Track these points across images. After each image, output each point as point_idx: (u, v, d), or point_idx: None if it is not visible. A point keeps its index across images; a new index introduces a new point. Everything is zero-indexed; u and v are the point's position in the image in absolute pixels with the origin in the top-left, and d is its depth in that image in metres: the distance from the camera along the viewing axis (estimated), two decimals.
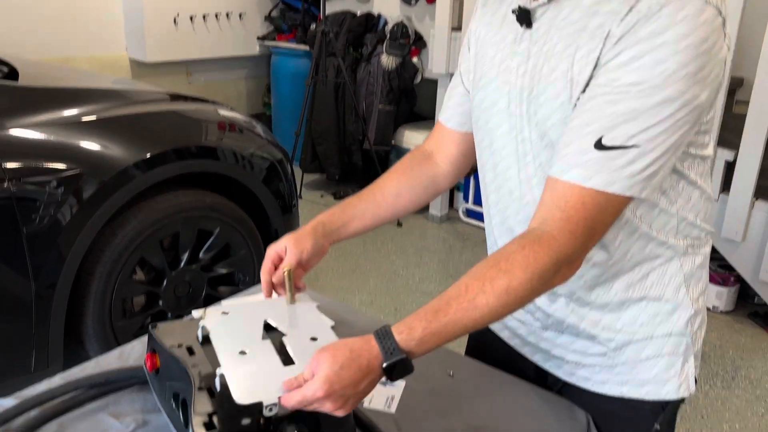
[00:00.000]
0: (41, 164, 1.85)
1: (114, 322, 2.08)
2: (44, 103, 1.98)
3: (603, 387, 1.05)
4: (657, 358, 1.00)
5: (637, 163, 0.82)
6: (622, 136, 0.81)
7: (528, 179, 0.98)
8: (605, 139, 0.82)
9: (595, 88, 0.84)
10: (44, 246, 1.86)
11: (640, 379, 1.01)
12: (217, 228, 2.28)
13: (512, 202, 1.02)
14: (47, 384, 1.06)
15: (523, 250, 0.84)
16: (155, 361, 1.01)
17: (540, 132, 0.93)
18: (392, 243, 3.77)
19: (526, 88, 0.94)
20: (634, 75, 0.80)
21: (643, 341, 1.00)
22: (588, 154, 0.83)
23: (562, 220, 0.84)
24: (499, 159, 1.02)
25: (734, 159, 2.89)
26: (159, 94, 2.41)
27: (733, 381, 2.62)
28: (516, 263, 0.83)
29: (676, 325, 1.00)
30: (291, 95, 4.65)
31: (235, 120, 2.44)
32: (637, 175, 0.82)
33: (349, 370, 0.82)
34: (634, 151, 0.81)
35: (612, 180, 0.82)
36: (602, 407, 1.06)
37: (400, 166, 1.20)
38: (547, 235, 0.84)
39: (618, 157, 0.82)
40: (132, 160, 2.01)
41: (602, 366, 1.03)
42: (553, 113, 0.90)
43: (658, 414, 1.03)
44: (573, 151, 0.84)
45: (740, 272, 2.96)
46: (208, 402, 0.86)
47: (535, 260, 0.83)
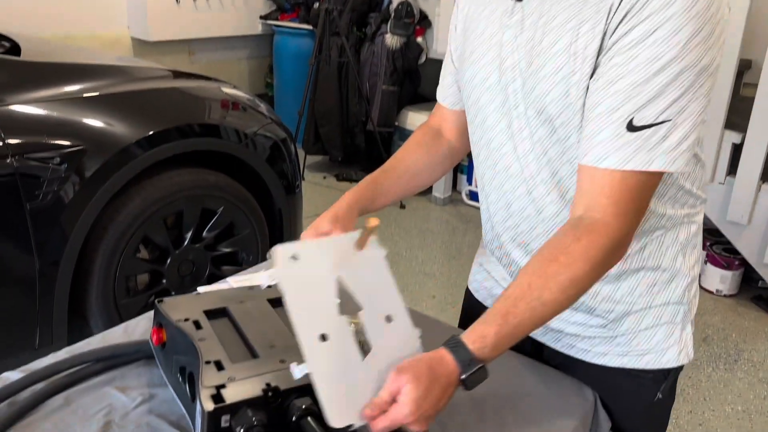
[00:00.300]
0: (44, 140, 1.84)
1: (118, 299, 2.08)
2: (47, 79, 1.96)
3: (603, 359, 1.05)
4: (656, 327, 1.01)
5: (671, 137, 0.82)
6: (652, 114, 0.81)
7: (525, 155, 0.97)
8: (636, 119, 0.82)
9: (614, 69, 0.82)
10: (48, 223, 1.85)
11: (640, 349, 1.02)
12: (221, 207, 2.27)
13: (509, 179, 1.01)
14: (53, 358, 1.06)
15: (580, 241, 0.84)
16: (161, 336, 1.00)
17: (537, 107, 0.91)
18: (395, 225, 3.76)
19: (521, 62, 0.92)
20: (651, 50, 0.79)
21: (641, 311, 1.01)
22: (622, 138, 0.82)
23: (611, 205, 0.84)
24: (493, 135, 1.00)
25: (741, 142, 2.87)
26: (161, 71, 2.38)
27: (735, 364, 2.62)
28: (576, 255, 0.84)
29: (674, 293, 1.01)
30: (294, 75, 4.61)
31: (239, 98, 2.42)
32: (674, 149, 0.83)
33: (432, 392, 0.80)
34: (666, 125, 0.81)
35: (650, 158, 0.82)
36: (604, 380, 1.07)
37: (417, 142, 1.19)
38: (600, 222, 0.84)
39: (652, 135, 0.82)
40: (134, 138, 2.00)
41: (602, 338, 1.04)
42: (553, 88, 0.88)
43: (660, 383, 1.04)
44: (606, 137, 0.83)
45: (745, 256, 2.96)
46: (215, 375, 0.86)
47: (594, 249, 0.84)
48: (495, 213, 1.07)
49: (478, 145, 1.06)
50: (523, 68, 0.92)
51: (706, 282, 3.18)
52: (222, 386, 0.83)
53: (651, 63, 0.80)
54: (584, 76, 0.85)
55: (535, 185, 0.98)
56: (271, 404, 0.83)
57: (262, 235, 2.42)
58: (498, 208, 1.06)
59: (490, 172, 1.04)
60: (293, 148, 2.55)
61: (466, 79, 1.03)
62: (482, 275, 1.21)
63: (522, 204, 1.01)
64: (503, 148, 1.00)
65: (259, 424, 0.80)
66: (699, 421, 2.27)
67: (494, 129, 1.00)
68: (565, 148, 0.92)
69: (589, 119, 0.85)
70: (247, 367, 0.88)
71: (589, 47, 0.84)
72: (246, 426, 0.79)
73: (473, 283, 1.25)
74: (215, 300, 1.06)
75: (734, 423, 2.28)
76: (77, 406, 0.96)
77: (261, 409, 0.82)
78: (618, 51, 0.82)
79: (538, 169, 0.96)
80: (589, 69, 0.84)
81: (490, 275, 1.19)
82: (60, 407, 0.96)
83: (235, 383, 0.84)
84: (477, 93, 1.01)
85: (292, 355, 0.92)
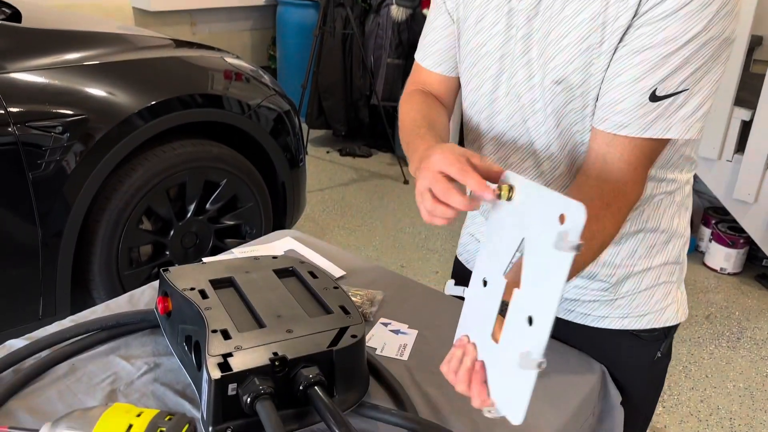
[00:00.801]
0: (46, 108, 1.82)
1: (121, 271, 2.08)
2: (48, 46, 1.93)
3: (603, 321, 1.06)
4: (655, 287, 1.04)
5: (688, 105, 0.83)
6: (674, 84, 0.81)
7: (536, 126, 0.95)
8: (658, 90, 0.82)
9: (641, 39, 0.81)
10: (50, 192, 1.84)
11: (640, 310, 1.04)
12: (224, 179, 2.25)
13: (514, 152, 0.99)
14: (57, 326, 1.05)
15: (610, 207, 0.85)
16: (167, 304, 0.99)
17: (556, 76, 0.88)
18: (398, 200, 3.74)
19: (537, 31, 0.89)
20: (681, 23, 0.79)
21: (641, 273, 1.03)
22: (644, 108, 0.83)
23: (630, 171, 0.86)
24: (503, 106, 0.98)
25: (751, 119, 2.83)
26: (164, 40, 2.35)
27: (738, 342, 2.62)
28: (607, 220, 0.85)
29: (671, 253, 1.04)
30: (297, 47, 4.56)
31: (242, 69, 2.39)
32: (691, 116, 0.83)
33: None
34: (684, 94, 0.82)
35: (668, 126, 0.83)
36: (605, 343, 1.08)
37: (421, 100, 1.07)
38: (622, 188, 0.86)
39: (671, 104, 0.82)
40: (137, 108, 1.97)
41: (602, 301, 1.05)
42: (576, 57, 0.86)
43: (661, 341, 1.07)
44: (628, 107, 0.84)
45: (750, 234, 2.94)
46: (222, 344, 0.85)
47: (620, 214, 0.86)
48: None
49: (480, 115, 1.02)
50: (540, 37, 0.89)
51: (710, 260, 3.17)
52: (229, 355, 0.83)
53: (680, 36, 0.79)
54: (612, 46, 0.83)
55: (544, 159, 0.96)
56: (278, 373, 0.83)
57: (266, 209, 2.40)
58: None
59: (493, 144, 1.02)
60: (297, 120, 2.52)
61: (471, 48, 0.98)
62: (474, 245, 1.21)
63: (528, 177, 0.99)
64: (513, 119, 0.97)
65: (266, 392, 0.79)
66: (701, 398, 2.28)
67: (504, 99, 0.97)
68: (580, 118, 0.90)
69: (611, 87, 0.84)
70: (253, 337, 0.87)
71: (621, 17, 0.82)
72: (253, 394, 0.79)
73: (464, 254, 1.24)
74: (221, 270, 1.05)
75: (736, 400, 2.28)
76: (82, 374, 0.96)
77: (268, 378, 0.81)
78: (647, 21, 0.80)
79: (548, 142, 0.95)
80: (617, 39, 0.83)
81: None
82: (65, 375, 0.95)
83: (242, 352, 0.83)
84: (485, 62, 0.97)
85: (299, 324, 0.91)
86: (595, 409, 1.06)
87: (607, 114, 0.85)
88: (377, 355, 1.05)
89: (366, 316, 1.14)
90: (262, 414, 0.77)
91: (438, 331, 1.12)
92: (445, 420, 0.92)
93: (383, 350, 1.06)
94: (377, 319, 1.14)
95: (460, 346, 0.75)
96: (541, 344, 0.63)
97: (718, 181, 3.00)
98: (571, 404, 0.99)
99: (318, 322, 0.92)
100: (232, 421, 0.81)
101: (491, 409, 0.70)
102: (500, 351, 0.69)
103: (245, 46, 5.09)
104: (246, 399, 0.79)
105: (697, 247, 3.33)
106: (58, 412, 0.87)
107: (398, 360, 1.04)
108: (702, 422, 2.16)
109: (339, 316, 0.95)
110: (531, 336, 0.64)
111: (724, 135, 2.93)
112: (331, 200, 3.70)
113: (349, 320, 0.94)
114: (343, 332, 0.91)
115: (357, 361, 0.91)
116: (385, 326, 1.12)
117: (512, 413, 0.67)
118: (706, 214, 3.30)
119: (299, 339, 0.88)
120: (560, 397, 0.99)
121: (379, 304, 1.18)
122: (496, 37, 0.94)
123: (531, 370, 0.63)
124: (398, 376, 0.99)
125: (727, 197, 2.98)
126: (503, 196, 0.70)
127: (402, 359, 1.05)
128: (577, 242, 0.60)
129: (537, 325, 0.64)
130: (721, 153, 2.96)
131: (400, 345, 1.08)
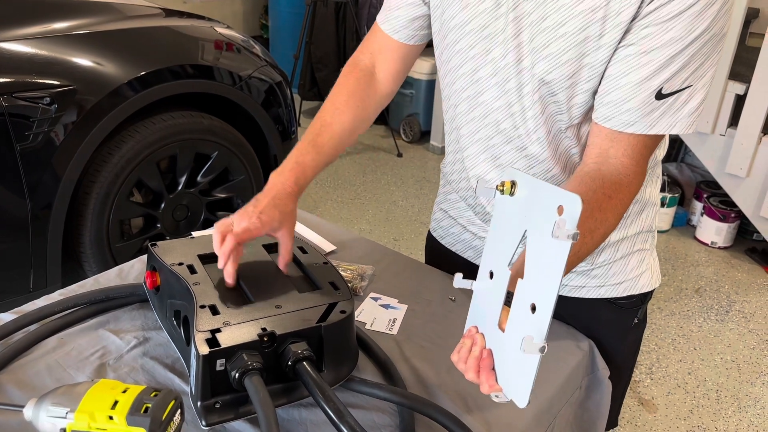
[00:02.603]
0: (33, 79, 1.79)
1: (112, 243, 2.07)
2: (35, 15, 1.90)
3: (581, 291, 1.09)
4: (629, 255, 1.06)
5: (692, 101, 0.85)
6: (678, 82, 0.83)
7: (522, 111, 0.94)
8: (664, 88, 0.83)
9: (647, 39, 0.81)
10: (39, 164, 1.82)
11: (616, 278, 1.07)
12: (215, 152, 2.23)
13: (497, 134, 0.98)
14: (46, 300, 1.05)
15: (611, 199, 0.85)
16: (155, 279, 0.99)
17: (548, 65, 0.87)
18: (392, 173, 3.73)
19: (531, 14, 0.86)
20: (687, 23, 0.79)
21: (617, 242, 1.05)
22: (650, 106, 0.84)
23: (632, 165, 0.87)
24: (485, 88, 0.96)
25: (745, 93, 2.82)
26: (153, 9, 2.31)
27: (727, 315, 2.65)
28: (609, 212, 0.85)
29: (645, 222, 1.06)
30: (290, 17, 4.49)
31: (233, 39, 2.35)
32: (694, 112, 0.86)
33: None
34: (687, 90, 0.84)
35: (673, 122, 0.85)
36: (583, 312, 1.10)
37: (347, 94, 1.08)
38: (626, 181, 0.87)
39: (675, 101, 0.84)
40: (126, 78, 1.94)
41: (578, 272, 1.07)
42: (572, 47, 0.84)
43: (637, 308, 1.10)
44: (635, 106, 0.84)
45: (742, 208, 2.95)
46: (210, 320, 0.85)
47: (622, 206, 0.87)
48: (474, 165, 1.04)
49: (460, 96, 1.00)
50: (533, 22, 0.86)
51: (701, 234, 3.19)
52: (217, 330, 0.83)
53: (686, 36, 0.80)
54: (613, 41, 0.82)
55: (530, 143, 0.96)
56: (267, 349, 0.83)
57: (258, 182, 2.39)
58: (479, 161, 1.03)
59: (473, 125, 1.00)
60: (289, 92, 2.49)
61: (456, 23, 0.95)
62: (448, 221, 1.21)
63: (510, 158, 0.99)
64: (495, 103, 0.96)
65: (255, 368, 0.79)
66: (688, 370, 2.31)
67: (488, 81, 0.95)
68: (566, 108, 0.90)
69: (616, 86, 0.85)
70: (242, 312, 0.87)
71: (623, 13, 0.81)
72: (241, 370, 0.79)
73: (438, 230, 1.25)
74: (210, 244, 1.04)
75: (723, 372, 2.32)
76: (71, 348, 0.95)
77: (256, 353, 0.81)
78: (653, 21, 0.80)
79: (535, 127, 0.94)
80: (619, 35, 0.82)
81: (456, 221, 1.19)
82: (54, 349, 0.95)
83: (231, 328, 0.83)
84: (469, 40, 0.94)
85: (287, 300, 0.91)
86: (582, 383, 1.07)
87: (612, 113, 0.86)
88: (367, 329, 1.05)
89: (356, 291, 1.14)
90: (250, 389, 0.78)
91: (428, 305, 1.13)
92: (434, 394, 0.93)
93: (373, 325, 1.07)
94: (367, 294, 1.14)
95: (468, 336, 0.77)
96: (543, 329, 0.66)
97: (710, 155, 3.00)
98: (559, 378, 1.00)
99: (307, 298, 0.92)
100: (221, 396, 0.81)
101: (499, 395, 0.73)
102: (506, 339, 0.72)
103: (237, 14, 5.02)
104: (234, 374, 0.79)
105: (689, 220, 3.35)
106: (47, 386, 0.87)
107: (388, 334, 1.05)
108: (689, 394, 2.20)
109: (328, 292, 0.94)
110: (534, 322, 0.67)
111: (717, 109, 2.92)
112: (324, 173, 3.69)
113: (339, 296, 0.93)
114: (332, 308, 0.91)
115: (346, 336, 0.91)
116: (375, 301, 1.13)
117: (518, 397, 0.70)
118: (698, 188, 3.30)
119: (288, 315, 0.88)
120: (548, 371, 1.00)
121: (370, 279, 1.18)
122: (483, 15, 0.91)
123: (534, 354, 0.66)
124: (387, 350, 0.99)
125: (720, 171, 2.98)
126: (506, 191, 0.74)
127: (391, 334, 1.05)
128: (574, 231, 0.63)
129: (539, 311, 0.67)
130: (715, 127, 2.95)
131: (389, 320, 1.08)
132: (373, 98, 1.11)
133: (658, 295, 2.74)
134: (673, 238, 3.25)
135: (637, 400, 2.16)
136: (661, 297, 2.74)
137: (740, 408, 2.15)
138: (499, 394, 0.73)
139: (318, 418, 0.85)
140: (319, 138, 1.05)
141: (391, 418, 0.88)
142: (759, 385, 2.27)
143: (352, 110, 1.08)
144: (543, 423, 0.95)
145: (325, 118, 1.07)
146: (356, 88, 1.09)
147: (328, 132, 1.05)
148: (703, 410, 2.13)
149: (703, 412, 2.13)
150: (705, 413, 2.12)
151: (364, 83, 1.10)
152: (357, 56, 1.14)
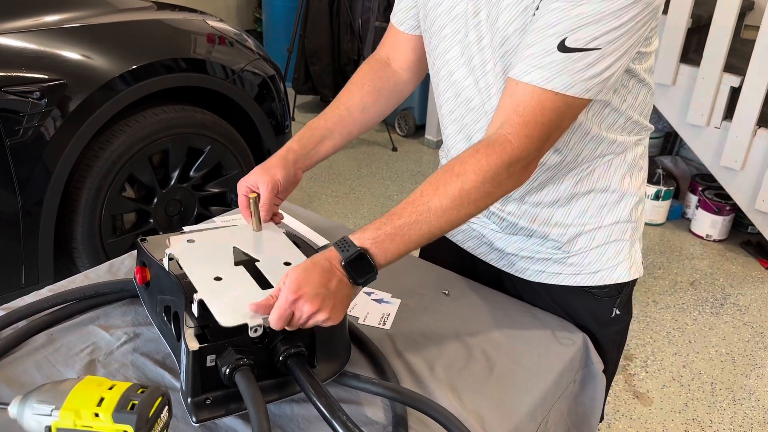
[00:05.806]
0: (22, 73, 1.77)
1: (104, 239, 2.05)
2: (24, 8, 1.88)
3: (557, 278, 1.09)
4: (606, 245, 1.06)
5: (596, 66, 0.82)
6: (585, 38, 0.81)
7: (487, 87, 0.96)
8: (568, 40, 0.81)
9: None
10: (30, 159, 1.80)
11: (592, 267, 1.07)
12: (208, 146, 2.22)
13: (469, 111, 1.01)
14: (35, 296, 1.03)
15: (477, 153, 0.85)
16: (145, 275, 0.98)
17: (501, 39, 0.90)
18: (387, 168, 3.72)
19: None
20: None
21: (592, 231, 1.05)
22: (550, 56, 0.82)
23: (520, 124, 0.84)
24: (455, 67, 0.99)
25: (740, 85, 2.82)
26: (145, 2, 2.29)
27: (722, 308, 2.65)
28: (469, 166, 0.85)
29: (623, 212, 1.05)
30: (283, 10, 4.46)
31: (226, 32, 2.34)
32: (596, 77, 0.83)
33: (313, 272, 0.82)
34: (595, 53, 0.82)
35: (572, 82, 0.83)
36: (563, 300, 1.11)
37: (360, 79, 1.15)
38: (503, 139, 0.85)
39: (579, 60, 0.82)
40: (117, 72, 1.92)
41: (554, 260, 1.08)
42: (515, 19, 0.87)
43: (615, 297, 1.09)
44: (535, 52, 0.83)
45: (737, 201, 2.95)
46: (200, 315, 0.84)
47: (487, 163, 0.84)
48: (453, 146, 1.07)
49: (438, 76, 1.04)
50: None
51: (696, 227, 3.19)
52: (207, 326, 0.82)
53: None
54: None
55: None
56: (258, 344, 0.82)
57: None
58: (456, 141, 1.06)
59: (450, 104, 1.04)
60: (282, 86, 2.47)
61: (431, 6, 1.00)
62: None
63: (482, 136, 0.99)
64: (465, 81, 0.99)
65: (246, 364, 0.78)
66: (683, 363, 2.31)
67: (457, 60, 0.98)
68: None
69: (528, 32, 0.85)
70: None
71: None
72: (232, 366, 0.78)
73: None
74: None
75: (718, 365, 2.32)
76: (61, 344, 0.94)
77: (247, 349, 0.80)
78: None
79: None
80: None
81: None
82: (43, 345, 0.94)
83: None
84: (441, 21, 0.99)
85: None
86: (576, 376, 1.06)
87: (516, 59, 0.86)
88: (360, 324, 1.04)
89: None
90: (241, 385, 0.77)
91: (421, 300, 1.12)
92: (427, 389, 0.92)
93: (366, 319, 1.06)
94: None
95: None
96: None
97: (705, 148, 3.00)
98: (553, 372, 1.00)
99: None
100: (212, 392, 0.80)
101: None
102: None
103: (230, 8, 4.99)
104: (225, 370, 0.78)
105: (684, 213, 3.35)
106: (35, 382, 0.86)
107: (381, 329, 1.04)
108: (684, 387, 2.20)
109: None
110: None
111: (712, 102, 2.91)
112: (319, 167, 3.67)
113: None
114: None
115: (338, 331, 0.90)
116: (368, 295, 1.12)
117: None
118: (693, 181, 3.30)
119: None
120: (542, 365, 1.00)
121: None
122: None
123: None
124: (380, 345, 0.99)
125: (715, 164, 2.98)
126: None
127: (385, 328, 1.04)
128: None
129: None
130: (710, 120, 2.95)
131: (382, 314, 1.08)
132: (390, 80, 1.15)
133: (653, 288, 2.74)
134: (668, 231, 3.25)
135: (632, 393, 2.16)
136: (656, 290, 2.74)
137: (735, 401, 2.16)
138: None
139: (310, 413, 0.84)
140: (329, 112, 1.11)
141: (383, 413, 0.87)
142: (753, 377, 2.27)
143: (368, 85, 1.13)
144: (537, 417, 0.94)
145: (340, 98, 1.13)
146: (369, 70, 1.15)
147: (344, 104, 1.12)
148: (698, 403, 2.14)
149: (698, 404, 2.13)
150: (700, 406, 2.12)
151: (377, 67, 1.15)
152: (373, 53, 1.19)
